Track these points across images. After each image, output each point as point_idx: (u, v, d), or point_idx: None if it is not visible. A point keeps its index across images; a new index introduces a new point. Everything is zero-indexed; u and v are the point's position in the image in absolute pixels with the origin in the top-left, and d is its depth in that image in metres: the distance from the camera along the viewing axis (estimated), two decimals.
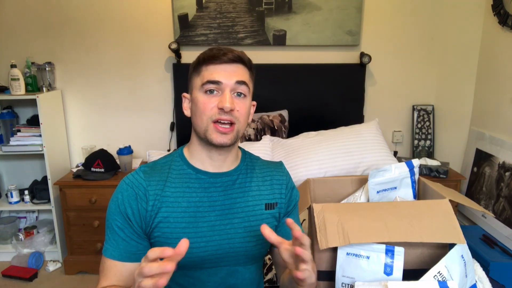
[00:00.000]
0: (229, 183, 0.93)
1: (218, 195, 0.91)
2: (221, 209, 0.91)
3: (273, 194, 0.98)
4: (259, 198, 0.96)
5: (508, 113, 2.17)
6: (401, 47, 2.48)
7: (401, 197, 1.20)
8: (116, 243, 0.86)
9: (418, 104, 2.54)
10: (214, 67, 0.86)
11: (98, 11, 2.39)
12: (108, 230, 0.88)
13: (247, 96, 0.90)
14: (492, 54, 2.34)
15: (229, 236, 0.91)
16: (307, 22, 2.39)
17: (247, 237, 0.92)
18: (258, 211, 0.94)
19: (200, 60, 0.88)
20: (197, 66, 0.89)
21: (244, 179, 0.95)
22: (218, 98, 0.86)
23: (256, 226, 0.93)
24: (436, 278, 0.85)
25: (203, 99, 0.87)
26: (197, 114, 0.88)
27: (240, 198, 0.93)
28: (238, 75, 0.87)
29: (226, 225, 0.91)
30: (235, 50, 0.88)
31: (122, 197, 0.87)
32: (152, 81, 2.50)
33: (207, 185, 0.91)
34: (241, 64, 0.88)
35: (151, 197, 0.87)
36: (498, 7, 2.20)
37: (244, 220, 0.92)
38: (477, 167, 2.36)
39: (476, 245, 1.96)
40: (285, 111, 2.42)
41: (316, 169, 1.91)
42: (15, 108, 2.46)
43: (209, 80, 0.85)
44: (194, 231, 0.88)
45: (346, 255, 0.94)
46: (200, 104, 0.87)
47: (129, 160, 2.34)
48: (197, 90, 0.88)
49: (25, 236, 2.45)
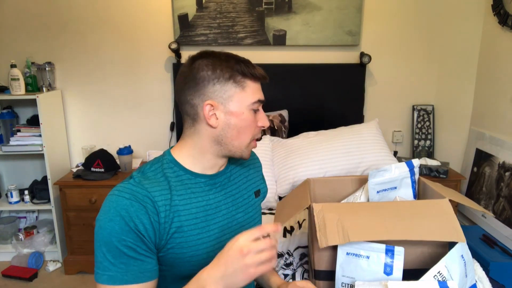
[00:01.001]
0: (225, 181, 0.94)
1: (219, 195, 0.92)
2: (226, 207, 0.92)
3: (256, 180, 1.04)
4: (250, 188, 1.00)
5: (508, 113, 2.17)
6: (401, 47, 2.48)
7: (401, 197, 1.20)
8: (126, 267, 0.77)
9: (418, 104, 2.54)
10: (259, 86, 0.88)
11: (98, 11, 2.39)
12: (109, 254, 0.78)
13: None
14: (492, 54, 2.34)
15: (236, 232, 0.90)
16: (307, 22, 2.39)
17: (248, 229, 0.94)
18: (252, 200, 0.99)
19: (244, 73, 0.84)
20: (236, 77, 0.84)
21: (235, 173, 0.98)
22: (256, 116, 0.88)
23: (253, 216, 0.99)
24: (436, 278, 0.85)
25: (251, 118, 0.87)
26: (241, 131, 0.86)
27: (237, 193, 0.96)
28: None
29: (232, 221, 0.93)
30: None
31: (128, 214, 0.77)
32: (152, 81, 2.50)
33: (208, 188, 0.90)
34: None
35: (161, 208, 0.81)
36: (498, 7, 2.20)
37: (245, 213, 0.96)
38: (477, 167, 2.36)
39: (476, 245, 1.96)
40: (285, 111, 2.42)
41: (316, 169, 1.91)
42: (15, 108, 2.46)
43: (260, 99, 0.87)
44: (207, 235, 0.87)
45: (346, 255, 0.94)
46: (248, 122, 0.86)
47: (129, 160, 2.34)
48: (244, 106, 0.85)
49: (25, 236, 2.45)
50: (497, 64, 2.29)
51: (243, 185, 0.99)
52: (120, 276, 0.77)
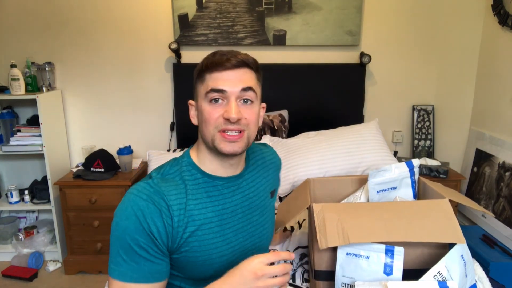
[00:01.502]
0: (243, 183, 0.93)
1: (237, 198, 0.91)
2: (242, 211, 0.92)
3: (274, 180, 1.03)
4: (267, 189, 0.99)
5: (508, 113, 2.17)
6: (401, 47, 2.48)
7: (401, 197, 1.20)
8: (137, 265, 0.79)
9: (418, 104, 2.54)
10: (218, 74, 0.82)
11: (98, 11, 2.39)
12: (122, 251, 0.79)
13: (255, 102, 0.86)
14: (492, 54, 2.34)
15: (250, 235, 0.92)
16: (307, 22, 2.39)
17: (264, 230, 0.96)
18: (267, 202, 0.98)
19: (204, 67, 0.84)
20: (200, 73, 0.85)
21: (254, 175, 0.97)
22: (223, 108, 0.82)
23: (267, 217, 0.97)
24: (436, 278, 0.85)
25: (208, 109, 0.83)
26: (203, 123, 0.85)
27: (255, 196, 0.95)
28: (243, 82, 0.82)
29: (247, 225, 0.92)
30: (239, 53, 0.84)
31: (143, 215, 0.78)
32: (152, 81, 2.50)
33: (226, 191, 0.89)
34: (246, 68, 0.84)
35: (175, 212, 0.81)
36: (498, 7, 2.20)
37: (260, 216, 0.95)
38: (477, 167, 2.36)
39: (476, 245, 1.96)
40: (285, 111, 2.42)
41: (316, 169, 1.91)
42: (15, 108, 2.46)
43: (213, 88, 0.81)
44: (221, 240, 0.87)
45: (346, 255, 0.94)
46: (205, 114, 0.83)
47: (129, 160, 2.34)
48: (202, 99, 0.84)
49: (25, 236, 2.45)
50: (497, 64, 2.29)
51: (261, 186, 0.98)
52: (130, 273, 0.78)
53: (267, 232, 0.98)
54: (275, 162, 1.06)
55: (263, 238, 0.96)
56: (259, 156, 1.02)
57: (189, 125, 0.94)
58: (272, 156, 1.06)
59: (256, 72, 0.88)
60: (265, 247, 0.99)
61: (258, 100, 0.89)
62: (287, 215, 1.18)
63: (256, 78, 0.87)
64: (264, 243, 0.98)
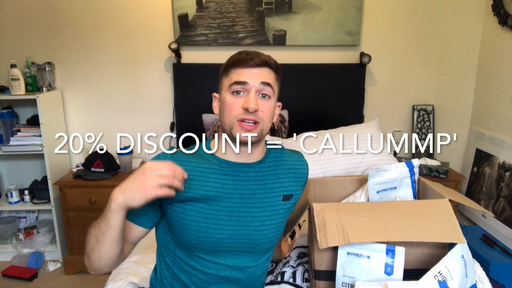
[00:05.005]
0: (251, 174, 0.98)
1: (239, 183, 0.96)
2: (241, 197, 0.96)
3: (292, 186, 1.04)
4: (278, 190, 1.01)
5: (508, 113, 2.17)
6: (401, 47, 2.48)
7: (401, 197, 1.20)
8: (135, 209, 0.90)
9: (418, 104, 2.54)
10: (242, 70, 0.92)
11: (98, 11, 2.39)
12: None
13: (272, 98, 0.96)
14: (492, 54, 2.34)
15: (245, 223, 0.96)
16: (307, 22, 2.39)
17: (262, 226, 0.98)
18: (275, 202, 1.00)
19: (230, 63, 0.94)
20: (226, 68, 0.95)
21: (266, 171, 1.00)
22: (244, 99, 0.92)
23: (271, 217, 0.99)
24: (436, 278, 0.85)
25: (230, 99, 0.93)
26: (225, 113, 0.94)
27: (260, 189, 0.98)
28: (263, 77, 0.93)
29: (244, 212, 0.96)
30: (262, 54, 0.95)
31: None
32: (152, 81, 2.50)
33: (230, 173, 0.96)
34: (267, 67, 0.95)
35: None
36: (498, 7, 2.20)
37: (261, 210, 0.98)
38: (477, 167, 2.36)
39: (476, 245, 1.96)
40: (285, 111, 2.42)
41: (316, 169, 1.91)
42: (15, 108, 2.46)
43: (236, 81, 0.92)
44: (213, 213, 0.93)
45: (347, 255, 0.94)
46: (227, 104, 0.93)
47: (129, 160, 2.34)
48: (225, 91, 0.94)
49: (25, 236, 2.45)
50: (497, 64, 2.29)
51: (272, 185, 1.00)
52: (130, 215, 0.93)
53: (267, 230, 0.98)
54: (299, 170, 1.08)
55: (261, 234, 0.97)
56: (281, 158, 1.06)
57: (189, 125, 0.98)
58: (300, 165, 1.09)
59: (276, 73, 0.98)
60: (262, 244, 0.99)
61: (275, 97, 0.99)
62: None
63: (275, 77, 0.98)
64: (262, 240, 0.98)
